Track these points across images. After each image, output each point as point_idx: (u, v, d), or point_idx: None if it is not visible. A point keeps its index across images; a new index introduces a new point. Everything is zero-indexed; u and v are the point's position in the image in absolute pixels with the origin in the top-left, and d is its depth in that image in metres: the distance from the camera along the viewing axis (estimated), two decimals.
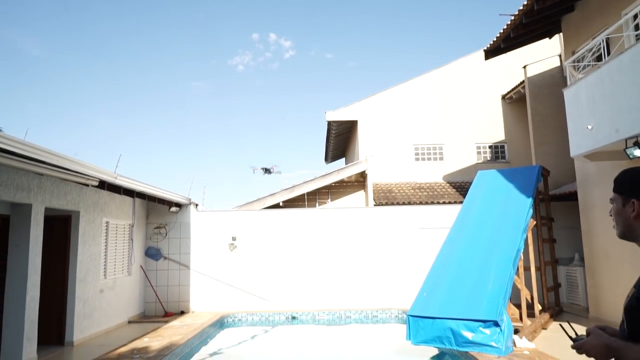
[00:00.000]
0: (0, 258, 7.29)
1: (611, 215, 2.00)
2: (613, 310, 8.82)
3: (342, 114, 16.83)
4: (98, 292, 9.10)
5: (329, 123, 17.66)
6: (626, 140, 7.05)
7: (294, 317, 10.96)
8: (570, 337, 1.96)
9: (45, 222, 7.69)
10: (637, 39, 7.59)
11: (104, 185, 8.41)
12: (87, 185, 7.99)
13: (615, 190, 1.99)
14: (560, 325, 2.25)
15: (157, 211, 11.89)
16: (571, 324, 2.17)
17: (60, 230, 8.45)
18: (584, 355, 1.93)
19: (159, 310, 11.41)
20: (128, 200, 10.64)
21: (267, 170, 12.16)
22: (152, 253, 11.69)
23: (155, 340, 8.24)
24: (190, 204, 11.98)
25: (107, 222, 9.66)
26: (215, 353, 8.35)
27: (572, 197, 11.23)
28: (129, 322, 10.43)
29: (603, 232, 9.32)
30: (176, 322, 10.09)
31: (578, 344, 1.89)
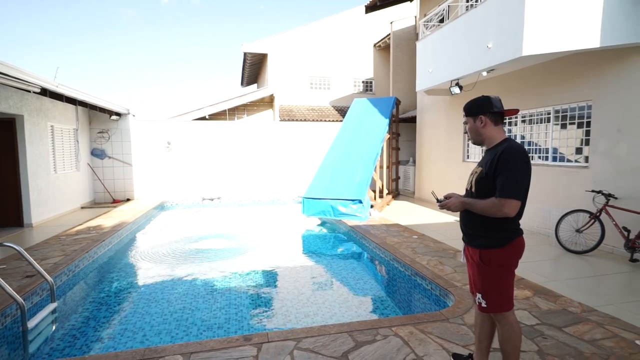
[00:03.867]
0: None
1: (466, 133, 2.16)
2: (427, 192, 10.11)
3: (255, 47, 15.49)
4: (50, 183, 7.95)
5: (245, 54, 16.19)
6: (451, 82, 7.54)
7: (218, 198, 10.84)
8: (437, 199, 2.12)
9: None
10: (466, 9, 7.66)
11: (46, 92, 6.95)
12: (28, 91, 6.51)
13: (466, 115, 2.11)
14: (432, 193, 2.44)
15: (99, 118, 10.31)
16: (434, 192, 2.33)
17: (6, 132, 6.98)
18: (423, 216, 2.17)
19: (108, 198, 10.45)
20: (71, 107, 9.02)
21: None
22: (97, 153, 10.34)
23: (108, 220, 7.64)
24: (129, 113, 10.55)
25: (52, 126, 8.16)
26: (158, 228, 8.02)
27: (413, 120, 12.11)
28: (82, 207, 9.44)
29: (429, 143, 10.28)
30: (124, 207, 9.38)
31: (442, 203, 2.07)
